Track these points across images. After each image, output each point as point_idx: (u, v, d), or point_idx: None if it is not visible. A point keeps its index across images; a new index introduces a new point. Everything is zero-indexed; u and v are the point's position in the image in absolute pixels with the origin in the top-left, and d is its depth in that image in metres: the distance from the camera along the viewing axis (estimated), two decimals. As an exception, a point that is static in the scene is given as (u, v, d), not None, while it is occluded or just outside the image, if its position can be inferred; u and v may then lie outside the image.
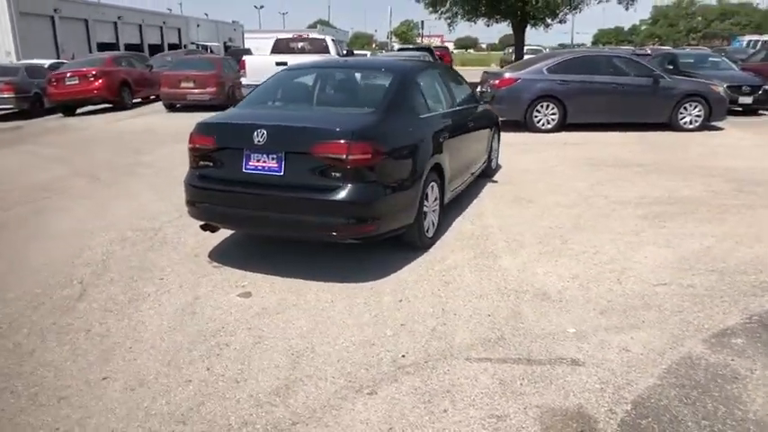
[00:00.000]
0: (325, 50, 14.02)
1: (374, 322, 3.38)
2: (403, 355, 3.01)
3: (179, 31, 47.89)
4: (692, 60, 13.94)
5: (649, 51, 23.38)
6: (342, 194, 3.68)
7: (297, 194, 3.76)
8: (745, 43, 30.75)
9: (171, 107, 14.67)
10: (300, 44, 14.51)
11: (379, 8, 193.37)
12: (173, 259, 4.45)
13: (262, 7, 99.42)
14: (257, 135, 3.79)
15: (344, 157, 3.64)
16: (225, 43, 49.46)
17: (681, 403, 2.56)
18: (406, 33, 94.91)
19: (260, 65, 12.67)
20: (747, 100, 12.20)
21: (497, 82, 10.38)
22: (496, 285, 3.88)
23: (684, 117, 10.35)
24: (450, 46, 76.17)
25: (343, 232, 3.83)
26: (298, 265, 4.24)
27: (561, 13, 17.60)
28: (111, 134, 11.44)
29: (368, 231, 3.80)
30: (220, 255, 4.51)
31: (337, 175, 3.68)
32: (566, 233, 4.93)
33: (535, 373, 2.83)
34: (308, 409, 2.57)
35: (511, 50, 27.44)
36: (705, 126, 10.48)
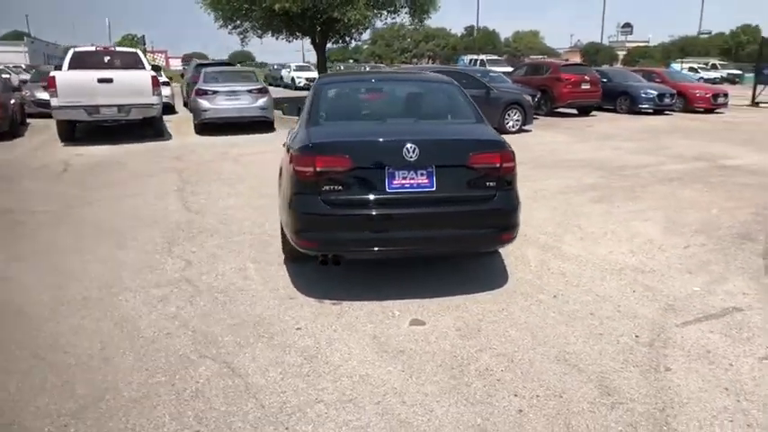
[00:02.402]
0: (139, 65, 12.35)
1: (568, 318, 3.59)
2: (637, 336, 3.34)
3: None
4: (478, 75, 16.58)
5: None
6: (495, 204, 3.75)
7: (452, 208, 3.69)
8: (467, 61, 37.35)
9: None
10: (107, 57, 12.46)
11: (89, 20, 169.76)
12: (272, 307, 3.78)
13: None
14: (408, 151, 3.57)
15: (498, 165, 3.73)
16: None
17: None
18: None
19: (78, 83, 10.55)
20: (529, 107, 15.15)
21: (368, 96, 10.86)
22: (598, 268, 4.44)
23: (509, 122, 12.47)
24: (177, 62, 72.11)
25: (491, 242, 3.92)
26: (399, 283, 4.09)
27: (356, 32, 18.90)
28: None
29: (509, 239, 3.93)
30: (316, 290, 3.99)
31: (490, 184, 3.75)
32: (569, 221, 5.76)
33: (732, 323, 3.50)
34: (653, 389, 2.74)
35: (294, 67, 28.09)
36: (522, 129, 12.79)
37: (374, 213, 3.64)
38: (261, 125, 12.82)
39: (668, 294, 3.93)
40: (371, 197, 3.64)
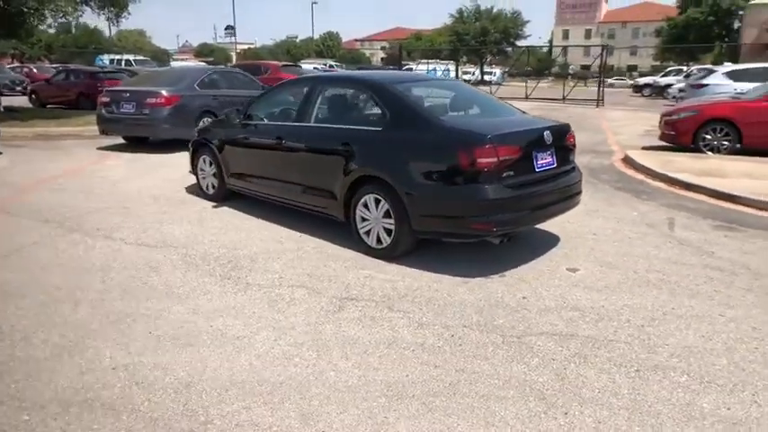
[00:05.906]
0: None
1: (643, 238, 5.12)
2: (681, 243, 5.14)
3: None
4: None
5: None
6: (577, 173, 4.93)
7: (565, 179, 4.68)
8: (107, 61, 33.46)
9: None
10: None
11: None
12: (464, 292, 3.98)
13: None
14: (547, 137, 4.38)
15: (575, 143, 4.92)
16: None
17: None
18: None
19: None
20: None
21: (161, 100, 9.73)
22: (580, 213, 6.07)
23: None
24: None
25: (573, 206, 5.00)
26: (492, 255, 4.80)
27: (34, 22, 14.90)
28: None
29: (579, 202, 5.08)
30: (464, 271, 4.30)
31: (571, 158, 4.89)
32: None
33: (688, 225, 5.67)
34: (728, 262, 4.54)
35: None
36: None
37: (534, 190, 4.34)
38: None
39: (632, 220, 5.89)
40: (530, 177, 4.33)
